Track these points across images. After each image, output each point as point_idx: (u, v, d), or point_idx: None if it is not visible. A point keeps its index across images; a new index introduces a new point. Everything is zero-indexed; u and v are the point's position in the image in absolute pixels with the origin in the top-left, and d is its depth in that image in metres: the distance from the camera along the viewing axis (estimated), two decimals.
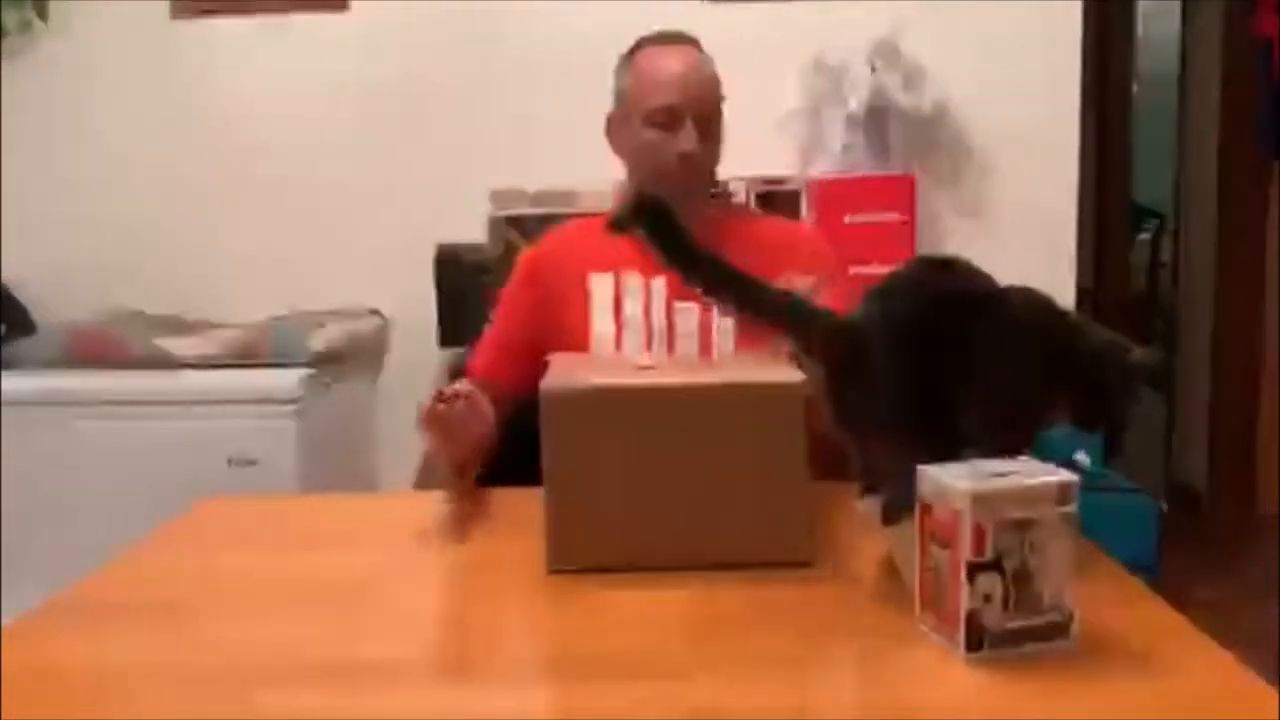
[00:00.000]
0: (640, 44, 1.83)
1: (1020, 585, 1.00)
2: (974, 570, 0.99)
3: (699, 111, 1.77)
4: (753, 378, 1.29)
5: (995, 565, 0.99)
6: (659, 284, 1.54)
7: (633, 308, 1.56)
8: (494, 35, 3.02)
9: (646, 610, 1.17)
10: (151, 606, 1.24)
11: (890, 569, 1.23)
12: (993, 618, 1.00)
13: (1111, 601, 1.14)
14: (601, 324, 1.55)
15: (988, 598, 1.00)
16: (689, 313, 1.52)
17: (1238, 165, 3.88)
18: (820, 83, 2.93)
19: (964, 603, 1.00)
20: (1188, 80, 4.34)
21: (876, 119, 2.87)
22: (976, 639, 1.00)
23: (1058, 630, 1.02)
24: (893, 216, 2.81)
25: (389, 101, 3.08)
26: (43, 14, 3.09)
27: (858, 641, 1.12)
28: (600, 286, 1.56)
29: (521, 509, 1.38)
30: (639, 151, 1.81)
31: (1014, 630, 1.01)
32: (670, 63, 1.79)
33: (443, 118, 3.05)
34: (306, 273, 3.10)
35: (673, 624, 1.14)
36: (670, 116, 1.76)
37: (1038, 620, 1.01)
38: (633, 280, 1.56)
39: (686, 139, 1.76)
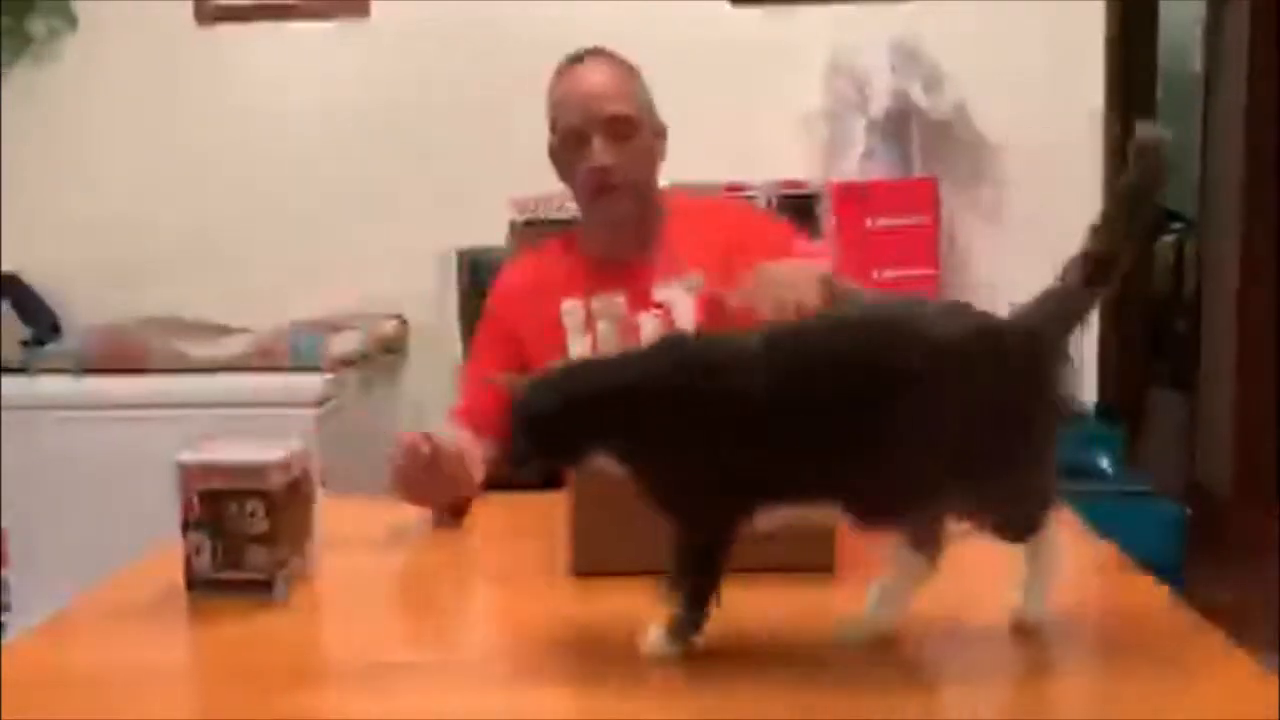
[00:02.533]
0: (557, 70, 1.80)
1: None
2: None
3: (604, 123, 1.72)
4: None
5: None
6: (619, 298, 1.74)
7: (606, 326, 1.73)
8: (516, 39, 3.03)
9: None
10: (172, 608, 1.24)
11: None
12: None
13: (1134, 605, 1.14)
14: (577, 348, 1.72)
15: None
16: (652, 320, 1.72)
17: (1263, 165, 3.84)
18: (841, 86, 2.92)
19: None
20: (1212, 80, 4.31)
21: (897, 122, 2.87)
22: None
23: None
24: (915, 220, 2.80)
25: (411, 106, 3.09)
26: (71, 21, 3.11)
27: (879, 645, 1.12)
28: (571, 312, 1.75)
29: (544, 511, 1.38)
30: (568, 177, 1.78)
31: None
32: (573, 83, 1.76)
33: (465, 122, 3.06)
34: (328, 277, 3.11)
35: None
36: (579, 138, 1.73)
37: None
38: (597, 301, 1.74)
39: (596, 154, 1.71)
